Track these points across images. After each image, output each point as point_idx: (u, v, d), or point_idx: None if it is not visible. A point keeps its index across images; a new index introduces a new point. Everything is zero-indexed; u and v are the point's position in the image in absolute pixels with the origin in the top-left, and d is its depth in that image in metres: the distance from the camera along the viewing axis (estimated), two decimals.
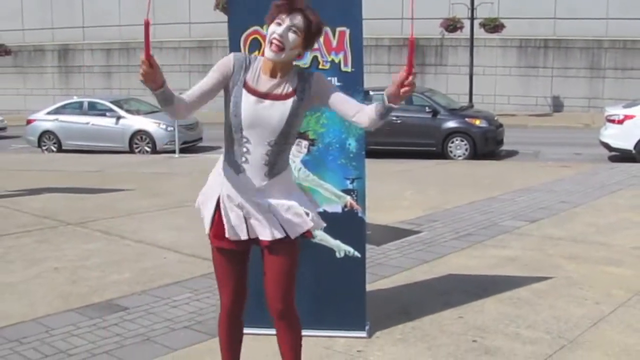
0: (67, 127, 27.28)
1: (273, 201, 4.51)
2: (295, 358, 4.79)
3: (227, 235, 4.51)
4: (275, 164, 4.48)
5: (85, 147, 26.65)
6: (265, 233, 4.51)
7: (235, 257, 4.67)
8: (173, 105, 4.26)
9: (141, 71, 3.96)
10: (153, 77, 4.01)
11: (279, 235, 4.50)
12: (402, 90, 4.10)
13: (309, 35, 4.33)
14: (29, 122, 28.51)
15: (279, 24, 4.23)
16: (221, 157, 4.67)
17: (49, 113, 28.09)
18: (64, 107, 28.45)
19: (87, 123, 27.12)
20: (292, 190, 4.68)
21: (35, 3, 52.65)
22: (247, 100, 4.36)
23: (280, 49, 4.23)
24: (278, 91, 4.40)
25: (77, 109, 28.05)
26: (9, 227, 11.75)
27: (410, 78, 4.07)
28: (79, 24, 51.68)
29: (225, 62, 4.46)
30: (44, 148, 27.54)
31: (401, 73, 4.09)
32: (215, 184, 4.61)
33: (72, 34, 51.84)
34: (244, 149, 4.43)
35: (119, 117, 26.79)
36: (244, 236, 4.53)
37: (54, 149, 27.35)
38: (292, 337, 4.78)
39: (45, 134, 27.59)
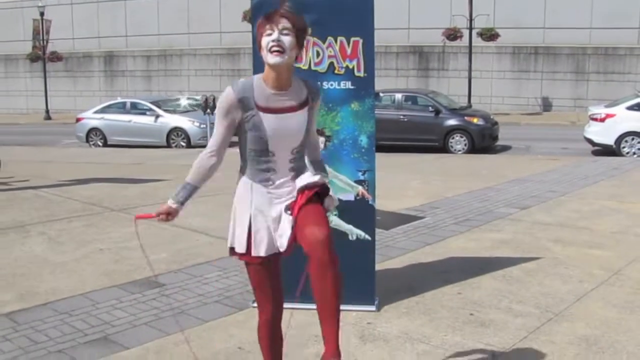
0: (111, 124, 27.36)
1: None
2: (339, 302, 4.04)
3: (252, 253, 4.19)
4: (302, 166, 4.27)
5: (128, 142, 26.73)
6: (285, 244, 4.14)
7: (269, 266, 4.30)
8: (206, 180, 4.35)
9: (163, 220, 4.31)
10: (170, 218, 4.32)
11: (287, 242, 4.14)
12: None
13: (299, 33, 4.04)
14: (78, 120, 28.63)
15: (270, 34, 3.97)
16: (242, 180, 4.30)
17: (95, 112, 28.20)
18: (109, 107, 28.55)
19: (130, 121, 27.20)
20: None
21: (84, 15, 52.74)
22: (268, 121, 4.08)
23: (281, 52, 3.95)
24: (292, 103, 4.13)
25: (120, 108, 28.14)
26: (61, 213, 11.80)
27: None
28: (123, 33, 51.75)
29: (228, 102, 4.12)
30: (91, 143, 27.62)
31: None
32: (244, 206, 4.24)
33: (116, 42, 51.93)
34: (271, 164, 4.17)
35: (157, 116, 26.86)
36: (265, 253, 4.19)
37: (100, 144, 27.42)
38: (338, 280, 3.99)
39: (93, 131, 27.68)
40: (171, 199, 4.28)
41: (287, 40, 3.98)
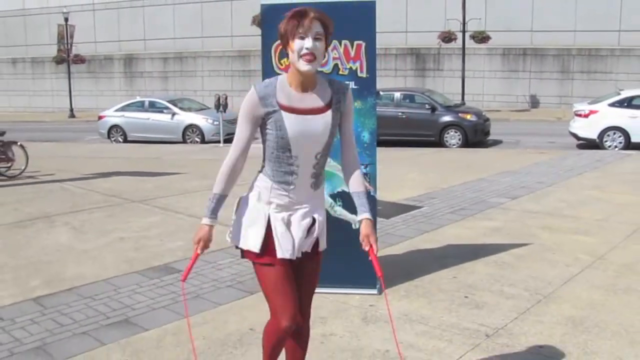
0: (131, 122, 27.36)
1: (316, 216, 3.87)
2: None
3: (278, 255, 3.74)
4: (320, 175, 3.85)
5: (146, 138, 26.72)
6: (305, 246, 3.86)
7: (288, 269, 3.82)
8: (233, 186, 3.89)
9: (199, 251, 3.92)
10: (207, 242, 3.92)
11: (309, 249, 3.89)
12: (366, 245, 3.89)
13: (328, 36, 3.64)
14: (100, 117, 28.65)
15: (303, 38, 3.51)
16: (260, 179, 3.85)
17: (116, 110, 28.21)
18: (128, 105, 28.55)
19: (148, 118, 27.20)
20: (323, 203, 4.05)
21: (105, 20, 52.81)
22: (290, 120, 3.62)
23: (312, 60, 3.53)
24: (316, 104, 3.70)
25: (139, 107, 28.13)
26: (84, 204, 11.80)
27: (370, 251, 3.90)
28: (141, 37, 51.78)
29: (251, 102, 3.68)
30: (112, 139, 27.62)
31: (371, 248, 3.92)
32: (260, 206, 3.82)
33: (135, 46, 51.96)
34: (294, 167, 3.71)
35: (174, 114, 26.86)
36: (293, 256, 3.78)
37: (121, 140, 27.42)
38: (303, 352, 4.19)
39: (114, 128, 27.69)
40: (205, 218, 3.89)
41: (320, 46, 3.58)
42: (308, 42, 3.52)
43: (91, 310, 6.34)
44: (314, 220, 3.89)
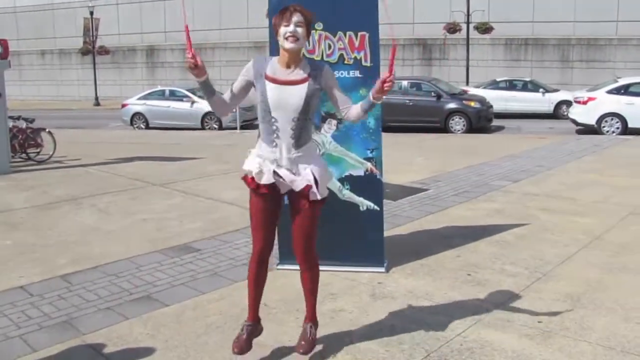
0: (153, 109, 27.40)
1: (300, 168, 4.43)
2: (315, 292, 4.75)
3: (262, 182, 4.42)
4: (300, 137, 4.39)
5: (167, 125, 26.76)
6: (295, 185, 4.44)
7: (268, 201, 4.50)
8: (213, 97, 4.51)
9: (187, 64, 4.23)
10: (197, 70, 4.28)
11: (301, 186, 4.43)
12: (385, 86, 4.24)
13: (308, 26, 4.37)
14: (123, 105, 28.70)
15: (287, 25, 4.27)
16: (259, 140, 4.55)
17: (139, 99, 28.26)
18: (150, 94, 28.59)
19: (169, 106, 27.23)
20: (314, 159, 4.55)
21: (128, 13, 52.85)
22: (270, 88, 4.35)
23: (295, 40, 4.28)
24: (294, 77, 4.37)
25: (160, 95, 28.18)
26: (109, 187, 11.83)
27: (391, 77, 4.22)
28: (162, 29, 51.76)
29: (247, 66, 4.53)
30: (135, 126, 27.67)
31: (385, 73, 4.23)
32: (252, 157, 4.53)
33: (157, 37, 51.97)
34: (274, 127, 4.37)
35: (193, 102, 26.83)
36: (265, 181, 4.42)
37: (143, 127, 27.46)
38: (312, 278, 4.70)
39: (136, 115, 27.74)
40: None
41: (300, 30, 4.30)
42: (290, 27, 4.28)
43: (115, 286, 6.37)
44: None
